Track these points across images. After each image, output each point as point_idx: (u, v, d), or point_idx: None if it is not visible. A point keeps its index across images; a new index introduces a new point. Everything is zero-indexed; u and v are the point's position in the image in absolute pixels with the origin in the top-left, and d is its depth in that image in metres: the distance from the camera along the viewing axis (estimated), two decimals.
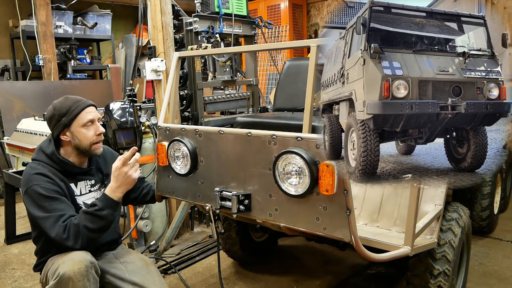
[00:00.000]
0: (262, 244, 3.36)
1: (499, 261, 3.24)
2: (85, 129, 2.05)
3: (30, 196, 1.95)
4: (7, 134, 4.60)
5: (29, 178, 1.98)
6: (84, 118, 2.04)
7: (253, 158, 1.90)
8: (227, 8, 3.86)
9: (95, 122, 2.09)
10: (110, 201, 1.97)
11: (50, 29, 5.82)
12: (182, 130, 2.18)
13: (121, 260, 2.16)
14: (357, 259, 3.30)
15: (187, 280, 3.09)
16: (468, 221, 2.39)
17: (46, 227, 1.90)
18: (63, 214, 1.92)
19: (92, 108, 2.10)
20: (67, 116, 2.03)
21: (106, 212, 1.94)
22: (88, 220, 1.90)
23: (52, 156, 2.04)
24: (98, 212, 1.92)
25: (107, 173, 2.23)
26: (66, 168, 2.08)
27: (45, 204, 1.92)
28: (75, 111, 2.04)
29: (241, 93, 4.22)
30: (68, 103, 2.06)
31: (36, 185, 1.94)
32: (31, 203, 1.95)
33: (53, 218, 1.90)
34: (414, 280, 2.23)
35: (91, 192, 2.18)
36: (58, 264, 1.88)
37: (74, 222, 1.90)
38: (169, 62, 3.56)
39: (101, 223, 1.93)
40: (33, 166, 2.03)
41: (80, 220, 1.90)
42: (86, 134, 2.05)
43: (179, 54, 2.42)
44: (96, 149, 2.11)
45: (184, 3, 6.45)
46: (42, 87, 5.35)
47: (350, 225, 1.64)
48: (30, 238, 3.97)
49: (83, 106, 2.06)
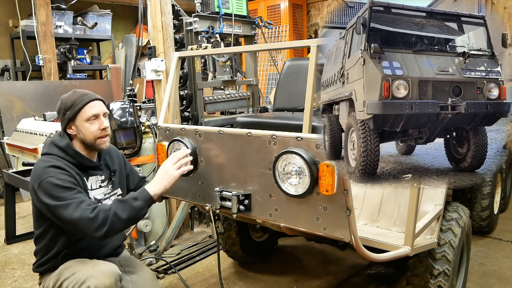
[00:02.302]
0: (262, 244, 3.36)
1: (499, 261, 3.24)
2: (88, 124, 2.02)
3: (45, 188, 1.87)
4: (7, 134, 4.60)
5: (43, 171, 1.91)
6: (87, 113, 2.02)
7: (253, 158, 1.90)
8: (227, 8, 3.86)
9: (100, 117, 2.05)
10: (146, 194, 1.92)
11: (50, 29, 5.82)
12: (182, 130, 2.18)
13: (127, 269, 2.15)
14: (357, 259, 3.30)
15: (187, 280, 3.09)
16: (468, 221, 2.39)
17: (66, 213, 1.82)
18: (83, 200, 1.86)
19: (98, 103, 2.07)
20: (71, 110, 2.01)
21: (140, 203, 1.89)
22: (120, 208, 1.85)
23: (66, 149, 2.01)
24: (132, 201, 1.88)
25: (114, 169, 2.22)
26: (81, 160, 2.04)
27: (63, 194, 1.85)
28: (78, 105, 2.01)
29: (241, 93, 4.22)
30: (73, 97, 2.04)
31: (51, 177, 1.89)
32: (46, 195, 1.87)
33: (74, 204, 1.83)
34: (414, 280, 2.23)
35: (101, 187, 2.15)
36: (85, 276, 1.83)
37: (104, 207, 1.85)
38: (169, 62, 3.56)
39: (132, 213, 1.87)
40: (45, 160, 1.98)
41: (111, 206, 1.86)
42: (89, 129, 2.02)
43: (179, 54, 2.42)
44: (101, 144, 2.06)
45: (184, 3, 6.45)
46: (42, 87, 5.35)
47: (350, 225, 1.64)
48: (30, 238, 4.02)
49: (87, 100, 2.03)
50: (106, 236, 1.84)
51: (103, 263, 1.93)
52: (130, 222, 1.93)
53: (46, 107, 4.66)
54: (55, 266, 2.02)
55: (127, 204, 1.88)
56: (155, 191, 1.94)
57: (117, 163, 2.26)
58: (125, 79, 7.32)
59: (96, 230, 1.80)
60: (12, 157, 4.62)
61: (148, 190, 1.94)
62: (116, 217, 1.83)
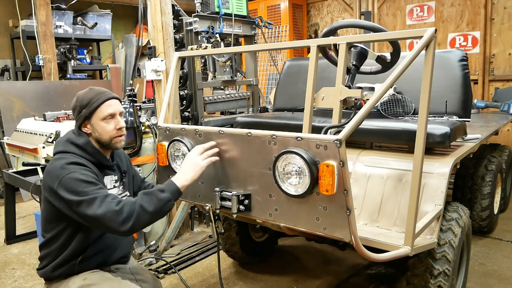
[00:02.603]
0: (262, 244, 3.36)
1: (499, 261, 3.24)
2: (104, 123, 1.96)
3: (67, 184, 1.78)
4: (7, 134, 4.60)
5: (62, 169, 1.82)
6: (104, 112, 1.95)
7: (253, 158, 1.90)
8: (227, 8, 3.86)
9: (116, 116, 1.99)
10: (172, 186, 1.86)
11: (50, 29, 5.83)
12: (182, 130, 2.18)
13: (138, 277, 2.13)
14: (357, 259, 3.30)
15: (187, 280, 3.09)
16: (468, 221, 2.39)
17: (91, 208, 1.74)
18: (108, 195, 1.79)
19: (114, 101, 2.00)
20: (87, 108, 1.95)
21: (167, 195, 1.82)
22: (146, 201, 1.78)
23: (86, 147, 1.95)
24: (159, 193, 1.81)
25: (125, 170, 2.19)
26: (99, 159, 1.99)
27: (87, 189, 1.77)
28: (95, 104, 1.95)
29: (241, 93, 4.23)
30: (90, 94, 1.97)
31: (73, 172, 1.80)
32: (69, 191, 1.77)
33: (99, 198, 1.75)
34: (414, 280, 2.22)
35: (115, 187, 2.10)
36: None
37: (130, 200, 1.78)
38: (169, 62, 3.56)
39: (158, 206, 1.79)
40: (62, 157, 1.89)
41: (137, 199, 1.78)
42: (105, 128, 1.96)
43: (179, 54, 2.42)
44: (117, 143, 2.00)
45: (184, 3, 6.46)
46: (42, 87, 5.35)
47: (350, 225, 1.64)
48: (30, 238, 4.02)
49: (104, 99, 1.96)
50: (131, 231, 1.76)
51: (129, 284, 1.90)
52: (157, 215, 1.83)
53: (46, 107, 4.67)
54: (68, 273, 1.94)
55: (154, 196, 1.80)
56: (182, 183, 1.88)
57: (125, 164, 2.22)
58: (125, 79, 7.33)
59: (122, 224, 1.73)
60: (12, 157, 4.62)
61: (175, 181, 1.87)
62: (142, 210, 1.76)
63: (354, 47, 2.14)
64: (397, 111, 2.69)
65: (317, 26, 7.50)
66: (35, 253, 3.71)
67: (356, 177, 2.33)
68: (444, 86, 2.71)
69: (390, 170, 2.25)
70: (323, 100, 1.98)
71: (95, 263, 1.99)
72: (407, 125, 2.30)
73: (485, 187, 3.46)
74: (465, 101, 2.69)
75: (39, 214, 3.43)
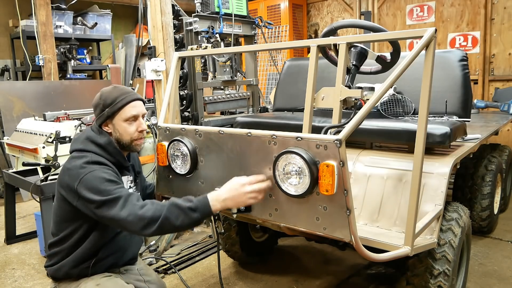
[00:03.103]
0: (262, 244, 3.36)
1: (499, 261, 3.24)
2: (127, 124, 1.93)
3: (89, 182, 1.74)
4: (7, 134, 4.60)
5: (82, 167, 1.78)
6: (127, 113, 1.91)
7: (253, 158, 1.90)
8: (227, 8, 3.86)
9: (139, 118, 1.96)
10: (207, 208, 1.75)
11: (50, 29, 5.83)
12: (182, 130, 2.18)
13: (145, 278, 2.13)
14: (357, 259, 3.30)
15: (187, 280, 3.09)
16: (468, 221, 2.39)
17: (114, 209, 1.70)
18: (131, 194, 1.75)
19: (139, 103, 1.96)
20: (111, 107, 1.90)
21: (197, 216, 1.73)
22: (174, 214, 1.71)
23: (107, 146, 1.91)
24: (191, 211, 1.72)
25: (138, 171, 2.18)
26: (119, 159, 1.96)
27: (109, 188, 1.73)
28: (119, 104, 1.90)
29: (241, 93, 4.23)
30: (115, 94, 1.93)
31: (94, 170, 1.77)
32: (91, 190, 1.73)
33: (123, 198, 1.71)
34: (414, 280, 2.22)
35: (130, 188, 2.08)
36: None
37: (157, 206, 1.72)
38: (169, 62, 3.56)
39: (184, 223, 1.73)
40: (82, 155, 1.84)
41: (164, 208, 1.71)
42: (127, 129, 1.93)
43: (179, 54, 2.42)
44: (137, 145, 1.98)
45: (184, 3, 6.46)
46: (42, 87, 5.35)
47: (350, 225, 1.64)
48: (30, 238, 4.02)
49: (129, 100, 1.92)
50: (151, 235, 1.74)
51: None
52: (182, 229, 1.80)
53: (46, 107, 4.67)
54: (80, 274, 1.92)
55: (184, 213, 1.72)
56: (217, 208, 1.76)
57: (138, 165, 2.22)
58: (125, 79, 7.33)
59: (142, 229, 1.69)
60: (12, 157, 4.62)
61: (211, 204, 1.76)
62: (167, 221, 1.70)
63: (354, 47, 2.14)
64: (397, 111, 2.69)
65: (317, 26, 7.50)
66: (35, 253, 3.71)
67: (356, 177, 2.33)
68: (444, 86, 2.71)
69: (390, 170, 2.25)
70: (323, 100, 1.98)
71: (107, 265, 1.98)
72: (407, 125, 2.30)
73: (485, 187, 3.46)
74: (465, 101, 2.69)
75: (39, 214, 3.43)
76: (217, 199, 1.77)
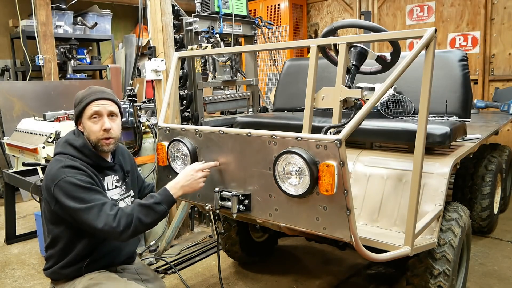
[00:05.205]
0: (262, 244, 3.36)
1: (499, 261, 3.24)
2: (91, 123, 1.93)
3: (63, 188, 1.79)
4: (7, 134, 4.60)
5: (58, 171, 1.83)
6: (89, 111, 1.93)
7: (253, 158, 1.90)
8: (227, 8, 3.86)
9: (103, 117, 1.94)
10: (169, 197, 1.89)
11: (50, 29, 5.83)
12: (182, 130, 2.18)
13: (143, 277, 2.14)
14: (357, 259, 3.30)
15: (187, 280, 3.09)
16: (468, 221, 2.39)
17: (89, 218, 1.76)
18: (105, 202, 1.80)
19: (105, 101, 1.95)
20: (78, 106, 1.95)
21: (163, 208, 1.85)
22: (143, 213, 1.81)
23: (83, 149, 1.93)
24: (156, 206, 1.84)
25: (128, 170, 2.18)
26: (97, 161, 1.97)
27: (83, 195, 1.79)
28: (83, 102, 1.93)
29: (241, 93, 4.23)
30: (85, 93, 1.97)
31: (68, 176, 1.80)
32: (65, 196, 1.79)
33: (96, 208, 1.77)
34: (414, 280, 2.22)
35: (117, 187, 2.09)
36: None
37: (127, 211, 1.80)
38: (169, 62, 3.56)
39: (155, 218, 1.84)
40: (60, 159, 1.88)
41: (133, 211, 1.81)
42: (92, 128, 1.93)
43: (179, 54, 2.42)
44: (104, 146, 1.96)
45: (184, 3, 6.45)
46: (42, 87, 5.35)
47: (350, 225, 1.64)
48: (30, 238, 4.02)
49: (93, 98, 1.93)
50: (128, 239, 1.84)
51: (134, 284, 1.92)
52: (153, 225, 1.89)
53: (46, 107, 4.67)
54: (75, 275, 1.95)
55: (151, 209, 1.83)
56: (178, 194, 1.92)
57: (129, 165, 2.21)
58: (125, 79, 7.33)
59: (120, 235, 1.78)
60: (12, 157, 4.62)
61: (172, 192, 1.90)
62: (139, 222, 1.80)
63: (354, 47, 2.14)
64: (397, 111, 2.69)
65: (317, 26, 7.50)
66: (35, 253, 3.71)
67: (356, 177, 2.33)
68: (444, 86, 2.71)
69: (390, 170, 2.25)
70: (323, 100, 1.98)
71: (101, 265, 2.00)
72: (407, 125, 2.30)
73: (485, 187, 3.46)
74: (465, 101, 2.69)
75: (39, 214, 3.44)
76: (175, 186, 1.92)
